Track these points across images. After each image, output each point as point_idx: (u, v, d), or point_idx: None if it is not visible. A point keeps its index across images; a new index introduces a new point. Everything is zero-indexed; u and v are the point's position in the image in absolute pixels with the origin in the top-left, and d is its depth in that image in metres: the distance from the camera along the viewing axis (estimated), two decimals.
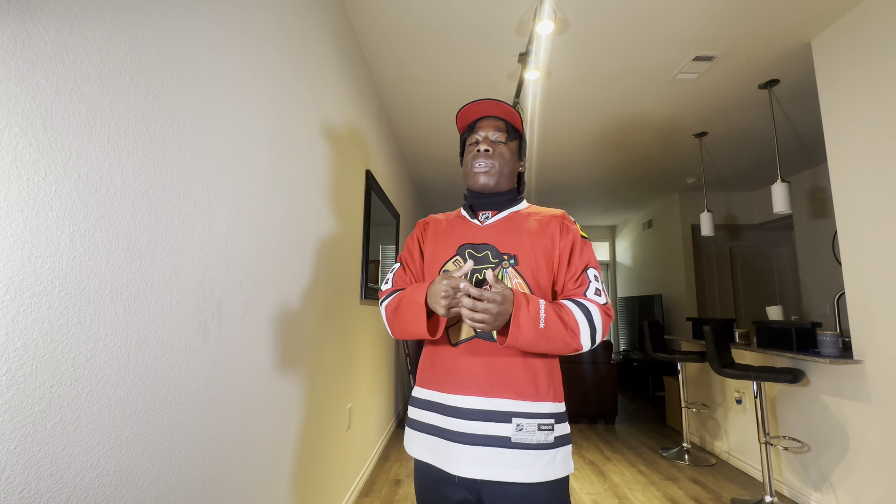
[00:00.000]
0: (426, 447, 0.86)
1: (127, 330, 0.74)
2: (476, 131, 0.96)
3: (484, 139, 0.95)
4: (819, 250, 3.99)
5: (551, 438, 0.81)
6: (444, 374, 0.86)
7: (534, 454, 0.79)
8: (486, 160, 0.93)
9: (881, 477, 1.85)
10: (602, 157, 3.89)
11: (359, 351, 2.34)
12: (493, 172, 0.93)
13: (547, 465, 0.79)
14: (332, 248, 1.85)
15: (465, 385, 0.83)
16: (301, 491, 1.50)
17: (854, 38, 1.97)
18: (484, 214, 0.96)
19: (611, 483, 2.54)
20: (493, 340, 0.84)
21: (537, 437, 0.80)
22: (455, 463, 0.81)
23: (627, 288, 6.41)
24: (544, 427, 0.81)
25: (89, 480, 0.67)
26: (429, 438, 0.86)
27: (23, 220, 0.57)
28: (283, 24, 1.35)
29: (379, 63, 2.48)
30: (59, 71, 0.62)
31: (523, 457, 0.79)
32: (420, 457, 0.87)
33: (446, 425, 0.83)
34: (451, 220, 1.00)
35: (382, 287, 1.00)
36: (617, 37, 2.19)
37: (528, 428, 0.80)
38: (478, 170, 0.93)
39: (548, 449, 0.80)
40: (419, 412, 0.89)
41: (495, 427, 0.80)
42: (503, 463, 0.79)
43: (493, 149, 0.93)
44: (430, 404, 0.87)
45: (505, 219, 0.94)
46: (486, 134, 0.95)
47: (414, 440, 0.89)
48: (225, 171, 1.03)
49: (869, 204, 1.90)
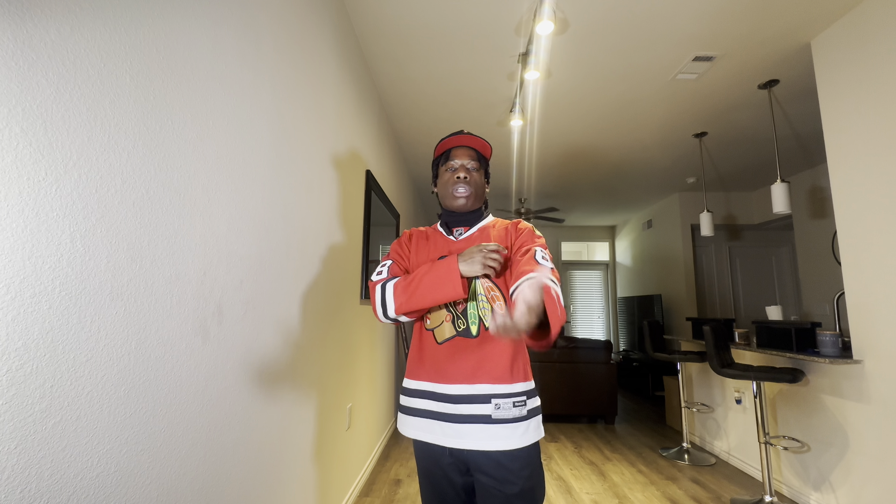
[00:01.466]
0: (421, 428, 1.02)
1: (127, 330, 0.74)
2: (452, 159, 1.11)
3: (461, 167, 1.10)
4: (819, 250, 3.99)
5: (525, 412, 0.97)
6: (432, 367, 1.02)
7: (511, 426, 0.95)
8: (465, 186, 1.09)
9: (881, 477, 1.85)
10: (602, 156, 3.89)
11: (359, 351, 2.34)
12: (471, 196, 1.10)
13: (522, 434, 0.95)
14: (332, 247, 1.85)
15: (451, 375, 0.99)
16: (301, 491, 1.50)
17: (854, 38, 1.97)
18: (458, 230, 1.13)
19: (611, 483, 2.54)
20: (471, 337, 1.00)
21: (513, 413, 0.96)
22: (447, 438, 0.98)
23: (627, 288, 6.41)
24: (518, 403, 0.97)
25: (89, 480, 0.67)
26: (423, 421, 1.02)
27: (23, 220, 0.57)
28: (283, 24, 1.35)
29: (379, 63, 2.48)
30: (59, 71, 0.62)
31: (502, 429, 0.95)
32: (416, 437, 1.03)
33: (437, 409, 1.00)
34: (430, 236, 1.15)
35: (375, 277, 1.09)
36: (617, 37, 2.19)
37: (505, 406, 0.96)
38: (458, 194, 1.09)
39: (522, 421, 0.96)
40: (412, 400, 1.05)
41: (478, 407, 0.96)
42: (487, 435, 0.95)
43: (469, 176, 1.10)
44: (422, 392, 1.03)
45: (476, 233, 1.11)
46: (462, 162, 1.11)
47: (409, 423, 1.04)
48: (225, 171, 1.03)
49: (869, 204, 1.90)
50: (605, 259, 7.06)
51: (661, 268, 5.38)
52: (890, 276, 1.81)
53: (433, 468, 1.04)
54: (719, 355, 2.47)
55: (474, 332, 1.00)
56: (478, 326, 1.01)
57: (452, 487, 1.03)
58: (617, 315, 6.70)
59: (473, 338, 1.00)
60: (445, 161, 1.13)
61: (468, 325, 1.01)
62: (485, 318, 1.01)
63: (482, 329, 1.00)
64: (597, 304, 6.93)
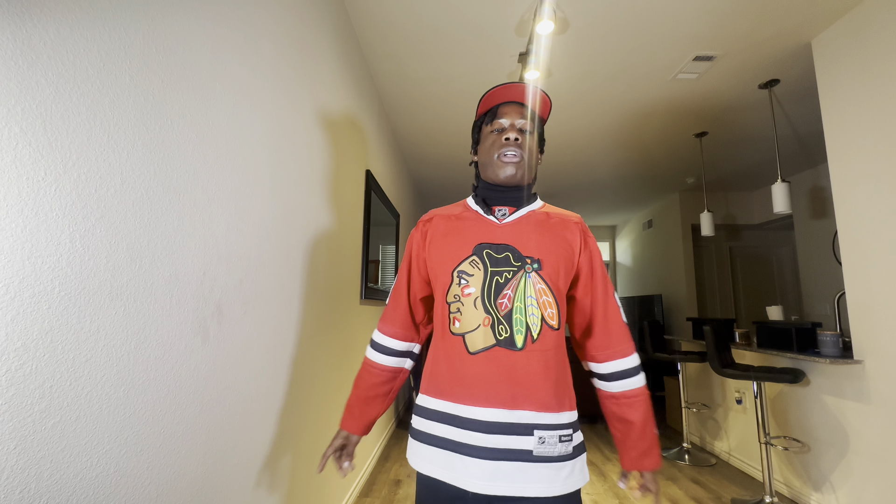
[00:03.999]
0: (435, 461, 0.80)
1: (127, 330, 0.73)
2: (500, 117, 0.88)
3: (511, 126, 0.87)
4: (819, 250, 3.99)
5: (570, 449, 0.78)
6: (459, 384, 0.80)
7: (555, 466, 0.77)
8: (516, 150, 0.85)
9: (881, 477, 1.85)
10: (602, 156, 3.89)
11: (359, 351, 2.34)
12: (522, 164, 0.86)
13: (567, 477, 0.77)
14: (332, 247, 1.85)
15: (484, 396, 0.78)
16: (301, 491, 1.50)
17: (854, 38, 1.97)
18: (501, 211, 0.89)
19: (611, 483, 2.54)
20: (515, 349, 0.79)
21: (559, 449, 0.77)
22: (473, 479, 0.76)
23: (627, 288, 6.40)
24: (565, 438, 0.78)
25: (89, 480, 0.67)
26: (439, 452, 0.80)
27: (23, 220, 0.57)
28: (283, 24, 1.34)
29: (379, 63, 2.48)
30: (59, 71, 0.61)
31: (545, 470, 0.76)
32: (427, 472, 0.81)
33: (462, 438, 0.78)
34: (461, 216, 0.91)
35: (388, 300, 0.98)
36: (617, 37, 2.19)
37: (550, 440, 0.77)
38: (507, 160, 0.85)
39: (568, 460, 0.78)
40: (428, 423, 0.83)
41: (517, 440, 0.76)
42: (525, 477, 0.75)
43: (521, 138, 0.86)
44: (442, 415, 0.81)
45: (525, 217, 0.88)
46: (512, 121, 0.87)
47: (421, 453, 0.82)
48: (225, 171, 1.03)
49: (869, 204, 1.90)
50: (606, 259, 7.06)
51: (661, 268, 5.37)
52: (891, 276, 1.80)
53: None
54: (720, 355, 2.47)
55: (519, 344, 0.79)
56: (524, 336, 0.79)
57: None
58: None
59: (518, 350, 0.79)
60: (491, 120, 0.90)
61: (512, 334, 0.79)
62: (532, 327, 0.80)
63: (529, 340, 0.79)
64: None
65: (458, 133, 3.43)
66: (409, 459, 0.86)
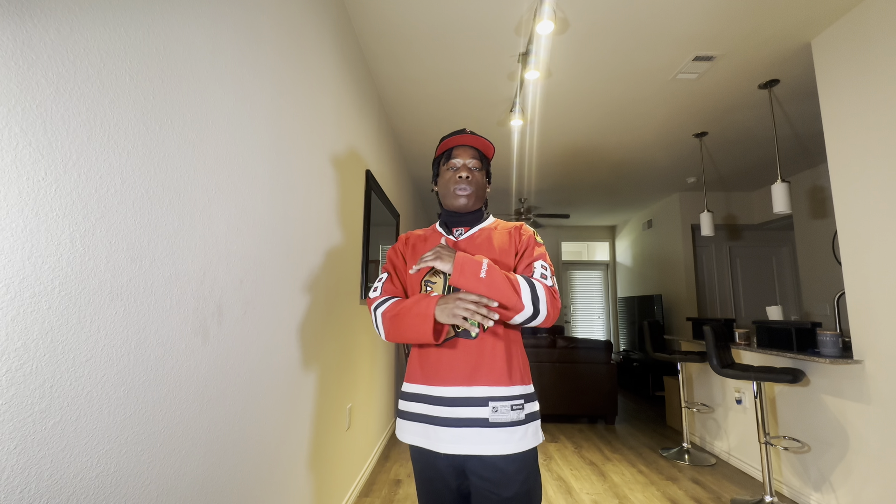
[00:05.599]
0: (416, 433, 0.99)
1: (127, 330, 0.73)
2: (454, 157, 1.10)
3: (463, 166, 1.09)
4: (819, 250, 3.99)
5: (522, 416, 0.95)
6: (429, 370, 1.00)
7: (508, 430, 0.93)
8: (466, 185, 1.07)
9: (881, 477, 1.85)
10: (602, 156, 3.89)
11: (359, 351, 2.34)
12: (472, 195, 1.08)
13: (520, 439, 0.94)
14: (332, 247, 1.85)
15: (448, 377, 0.97)
16: (301, 491, 1.50)
17: (854, 38, 1.97)
18: (458, 231, 1.12)
19: (611, 483, 2.54)
20: (470, 338, 0.98)
21: (511, 416, 0.94)
22: (443, 443, 0.95)
23: (627, 288, 6.41)
24: (516, 407, 0.95)
25: (89, 480, 0.67)
26: (418, 426, 0.99)
27: (23, 220, 0.57)
28: (283, 24, 1.34)
29: (379, 63, 2.48)
30: (59, 71, 0.61)
31: (500, 433, 0.93)
32: (412, 442, 1.00)
33: (433, 413, 0.97)
34: (429, 235, 1.14)
35: (371, 294, 1.10)
36: (617, 37, 2.19)
37: (503, 409, 0.94)
38: (460, 193, 1.08)
39: (520, 425, 0.95)
40: (409, 404, 1.02)
41: (475, 410, 0.94)
42: (483, 440, 0.93)
43: (471, 175, 1.08)
44: (419, 396, 1.01)
45: (476, 233, 1.10)
46: (463, 161, 1.09)
47: (405, 428, 1.02)
48: (225, 171, 1.03)
49: (869, 204, 1.90)
50: (606, 259, 7.05)
51: (661, 268, 5.37)
52: (890, 276, 1.80)
53: (430, 473, 1.02)
54: (720, 355, 2.47)
55: (473, 334, 0.99)
56: (477, 328, 1.00)
57: (450, 492, 1.01)
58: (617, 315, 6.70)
59: (472, 339, 0.99)
60: (447, 160, 1.11)
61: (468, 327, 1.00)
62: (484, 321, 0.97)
63: (481, 330, 0.99)
64: (597, 305, 6.92)
65: None
66: (397, 434, 1.05)
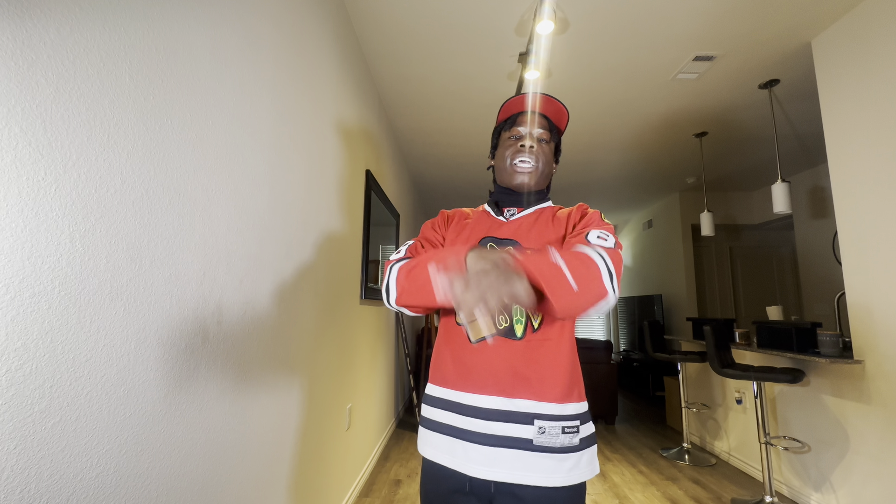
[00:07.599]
0: (439, 447, 0.82)
1: (127, 330, 0.73)
2: (518, 125, 0.92)
3: (528, 135, 0.90)
4: (819, 250, 3.99)
5: (576, 441, 0.77)
6: (461, 372, 0.82)
7: (557, 457, 0.75)
8: (529, 157, 0.89)
9: (881, 477, 1.85)
10: (602, 156, 3.89)
11: (359, 351, 2.34)
12: (534, 172, 0.89)
13: (571, 469, 0.76)
14: (332, 247, 1.85)
15: (483, 384, 0.79)
16: (301, 491, 1.50)
17: (854, 38, 1.97)
18: (510, 211, 0.93)
19: (611, 483, 2.54)
20: (514, 338, 0.80)
21: (561, 440, 0.76)
22: (473, 464, 0.77)
23: (627, 288, 6.40)
24: (569, 430, 0.77)
25: (89, 480, 0.67)
26: (443, 438, 0.81)
27: (23, 220, 0.57)
28: (283, 25, 1.35)
29: (379, 63, 2.48)
30: (59, 71, 0.61)
31: (546, 460, 0.75)
32: (432, 457, 0.82)
33: (463, 425, 0.79)
34: (474, 215, 0.96)
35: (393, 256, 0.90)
36: (617, 37, 2.19)
37: (552, 431, 0.76)
38: (520, 168, 0.89)
39: (573, 452, 0.76)
40: (433, 411, 0.85)
41: (516, 428, 0.76)
42: (524, 466, 0.75)
43: (536, 146, 0.90)
44: (446, 403, 0.83)
45: (530, 215, 0.91)
46: (530, 130, 0.91)
47: (427, 440, 0.85)
48: (225, 171, 1.03)
49: (869, 204, 1.90)
50: None
51: (661, 268, 5.37)
52: (891, 276, 1.80)
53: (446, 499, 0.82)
54: (720, 355, 2.47)
55: (519, 334, 0.80)
56: (524, 326, 0.80)
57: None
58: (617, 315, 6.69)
59: (517, 340, 0.80)
60: (510, 127, 0.93)
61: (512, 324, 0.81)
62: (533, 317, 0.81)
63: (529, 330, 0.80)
64: None
65: (459, 133, 3.43)
66: (418, 447, 0.87)
